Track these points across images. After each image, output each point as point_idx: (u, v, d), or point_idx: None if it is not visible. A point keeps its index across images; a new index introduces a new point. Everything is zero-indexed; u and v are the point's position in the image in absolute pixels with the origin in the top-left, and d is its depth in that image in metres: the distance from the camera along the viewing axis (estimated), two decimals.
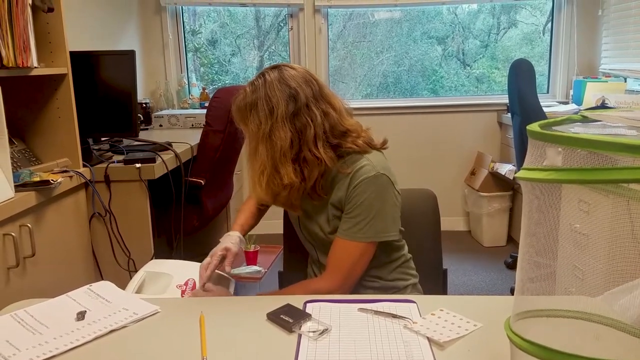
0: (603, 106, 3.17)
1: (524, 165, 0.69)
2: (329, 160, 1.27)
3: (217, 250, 1.40)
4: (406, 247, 1.48)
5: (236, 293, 1.44)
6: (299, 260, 1.61)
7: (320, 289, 1.29)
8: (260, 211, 1.63)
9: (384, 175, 1.29)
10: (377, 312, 1.11)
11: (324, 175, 1.31)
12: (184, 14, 4.04)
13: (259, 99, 1.26)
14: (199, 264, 1.52)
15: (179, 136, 2.88)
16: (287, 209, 1.39)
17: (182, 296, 1.35)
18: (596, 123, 0.79)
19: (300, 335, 1.02)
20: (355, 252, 1.30)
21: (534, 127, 0.68)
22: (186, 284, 1.38)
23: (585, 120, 0.79)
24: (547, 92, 4.00)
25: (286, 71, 1.28)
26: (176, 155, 2.42)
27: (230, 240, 1.43)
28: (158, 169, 2.21)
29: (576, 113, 0.82)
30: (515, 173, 3.40)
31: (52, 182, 1.77)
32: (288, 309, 1.11)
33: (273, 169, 1.26)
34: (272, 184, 1.27)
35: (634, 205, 0.72)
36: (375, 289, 1.41)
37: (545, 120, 0.75)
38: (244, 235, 1.51)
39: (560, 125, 0.78)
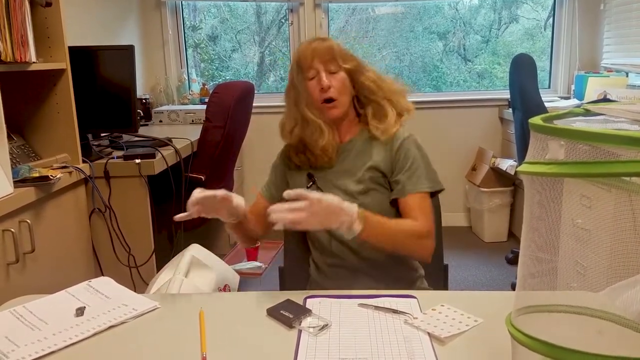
0: (605, 100, 3.16)
1: (526, 159, 0.68)
2: None
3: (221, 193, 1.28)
4: None
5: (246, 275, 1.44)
6: (300, 256, 1.60)
7: (419, 229, 1.32)
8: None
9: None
10: (377, 308, 1.10)
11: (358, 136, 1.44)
12: (183, 9, 4.03)
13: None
14: (234, 270, 1.53)
15: (179, 132, 2.87)
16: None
17: None
18: (598, 117, 0.78)
19: (300, 331, 1.02)
20: (426, 201, 1.37)
21: (536, 120, 0.68)
22: (224, 288, 1.39)
23: (587, 113, 0.78)
24: (549, 87, 3.99)
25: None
26: (176, 151, 2.41)
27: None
28: (158, 165, 2.21)
29: (578, 107, 0.81)
30: (517, 167, 3.39)
31: (51, 177, 1.77)
32: (288, 305, 1.10)
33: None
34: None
35: (636, 199, 0.71)
36: (396, 280, 1.42)
37: (548, 114, 0.74)
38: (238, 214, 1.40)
39: (562, 119, 0.77)
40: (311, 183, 1.45)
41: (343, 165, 1.43)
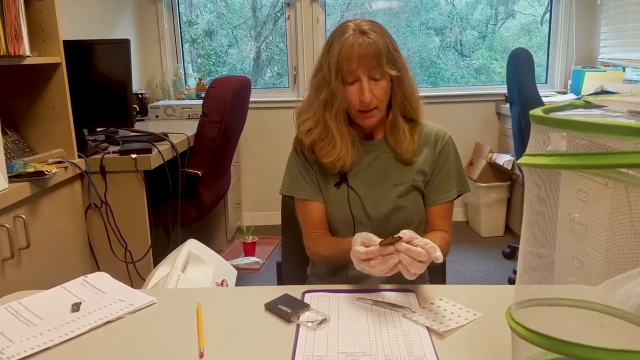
0: (605, 92, 3.16)
1: (527, 151, 0.67)
2: None
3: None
4: None
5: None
6: (298, 251, 1.60)
7: (450, 241, 1.38)
8: None
9: None
10: (376, 302, 1.10)
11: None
12: (179, 4, 4.00)
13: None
14: (231, 265, 1.52)
15: (176, 127, 2.86)
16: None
17: None
18: (596, 112, 0.77)
19: (298, 326, 1.01)
20: (452, 207, 1.40)
21: (537, 112, 0.67)
22: (222, 283, 1.38)
23: (587, 105, 0.77)
24: (546, 82, 3.99)
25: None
26: (172, 146, 2.40)
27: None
28: (154, 160, 2.20)
29: (578, 100, 0.80)
30: (516, 161, 3.39)
31: (46, 172, 1.75)
32: (286, 299, 1.10)
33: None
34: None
35: (632, 191, 0.71)
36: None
37: (547, 106, 0.74)
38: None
39: (562, 111, 0.76)
40: (339, 181, 1.37)
41: (376, 165, 1.37)
